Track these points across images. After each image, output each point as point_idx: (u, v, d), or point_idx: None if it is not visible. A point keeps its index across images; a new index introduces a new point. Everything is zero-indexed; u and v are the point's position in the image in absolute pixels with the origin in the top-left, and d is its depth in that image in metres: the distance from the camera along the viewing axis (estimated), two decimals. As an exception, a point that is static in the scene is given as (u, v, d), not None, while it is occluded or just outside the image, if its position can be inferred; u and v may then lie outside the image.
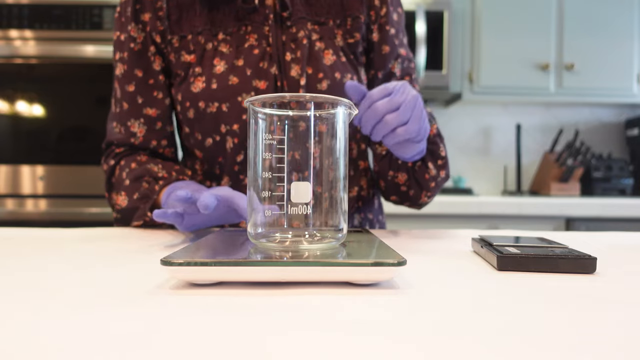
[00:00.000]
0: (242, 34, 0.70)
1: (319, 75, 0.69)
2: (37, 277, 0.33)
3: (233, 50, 0.69)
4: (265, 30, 0.70)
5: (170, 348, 0.20)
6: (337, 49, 0.71)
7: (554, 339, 0.21)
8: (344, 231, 0.37)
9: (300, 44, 0.70)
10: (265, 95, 0.36)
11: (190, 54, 0.71)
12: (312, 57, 0.70)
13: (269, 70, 0.68)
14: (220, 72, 0.68)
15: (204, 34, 0.70)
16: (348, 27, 0.73)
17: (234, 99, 0.68)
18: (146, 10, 0.72)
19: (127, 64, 0.73)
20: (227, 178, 0.71)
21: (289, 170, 0.36)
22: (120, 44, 0.74)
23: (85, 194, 1.63)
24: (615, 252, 0.48)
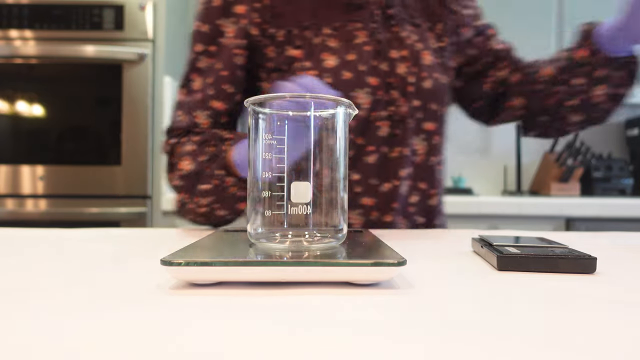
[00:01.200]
0: (350, 30, 0.70)
1: (423, 75, 0.71)
2: (36, 277, 0.33)
3: (342, 44, 0.69)
4: (372, 27, 0.70)
5: (170, 348, 0.20)
6: (432, 50, 0.73)
7: (554, 339, 0.21)
8: (344, 231, 0.37)
9: (404, 43, 0.71)
10: (266, 95, 0.36)
11: (297, 49, 0.69)
12: (415, 56, 0.71)
13: (379, 67, 0.69)
14: (332, 66, 0.68)
15: (311, 28, 0.70)
16: (437, 32, 0.75)
17: (347, 94, 0.68)
18: (241, 2, 0.70)
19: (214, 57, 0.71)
20: None
21: (289, 170, 0.36)
22: (202, 35, 0.71)
23: (85, 194, 1.63)
24: (615, 252, 0.48)
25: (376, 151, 0.70)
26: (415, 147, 0.72)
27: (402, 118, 0.70)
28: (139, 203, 1.64)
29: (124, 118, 1.64)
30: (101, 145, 1.65)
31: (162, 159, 1.68)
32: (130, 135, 1.64)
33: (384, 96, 0.69)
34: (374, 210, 0.71)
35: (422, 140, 0.73)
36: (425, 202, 0.75)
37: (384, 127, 0.70)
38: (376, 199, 0.71)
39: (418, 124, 0.72)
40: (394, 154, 0.70)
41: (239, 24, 0.70)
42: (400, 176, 0.71)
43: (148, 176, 1.65)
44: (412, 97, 0.70)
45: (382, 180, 0.70)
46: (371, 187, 0.70)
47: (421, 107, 0.71)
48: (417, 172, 0.73)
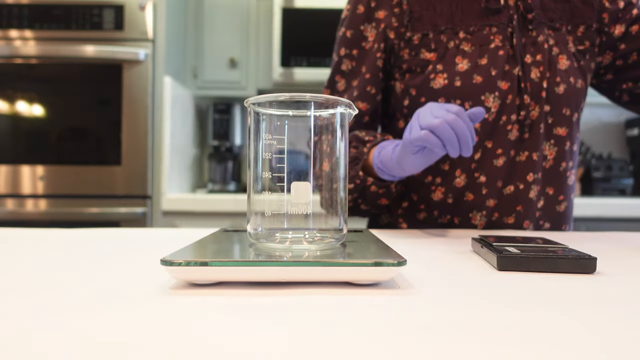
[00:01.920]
0: (485, 34, 0.71)
1: (557, 79, 0.70)
2: (36, 277, 0.33)
3: (476, 49, 0.70)
4: (508, 31, 0.71)
5: (171, 348, 0.20)
6: (570, 54, 0.72)
7: (554, 339, 0.21)
8: (344, 231, 0.37)
9: (541, 48, 0.71)
10: (266, 95, 0.36)
11: (431, 52, 0.72)
12: (550, 61, 0.71)
13: (511, 71, 0.70)
14: (464, 70, 0.69)
15: (447, 32, 0.71)
16: (579, 35, 0.74)
17: (477, 97, 0.69)
18: (382, 7, 0.74)
19: (357, 60, 0.76)
20: (464, 175, 0.72)
21: (289, 170, 0.35)
22: (346, 40, 0.76)
23: (85, 194, 1.63)
24: (615, 252, 0.48)
25: (504, 154, 0.71)
26: (545, 152, 0.72)
27: (532, 122, 0.70)
28: (139, 203, 1.64)
29: (124, 118, 1.64)
30: (101, 145, 1.65)
31: (162, 158, 1.68)
32: (130, 135, 1.64)
33: (515, 100, 0.70)
34: (496, 211, 0.72)
35: (552, 146, 0.72)
36: (552, 207, 0.74)
37: (514, 131, 0.70)
38: (498, 201, 0.71)
39: (549, 129, 0.72)
40: (521, 158, 0.71)
41: (379, 28, 0.74)
42: (527, 180, 0.71)
43: (148, 176, 1.65)
44: (544, 101, 0.70)
45: (507, 182, 0.71)
46: (496, 189, 0.71)
47: (552, 111, 0.71)
48: (546, 177, 0.73)
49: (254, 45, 2.01)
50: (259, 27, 2.02)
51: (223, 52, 2.00)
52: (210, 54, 2.00)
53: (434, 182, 0.74)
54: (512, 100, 0.70)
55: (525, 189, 0.71)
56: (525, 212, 0.71)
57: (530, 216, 0.72)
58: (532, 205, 0.72)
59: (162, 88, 1.68)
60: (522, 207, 0.71)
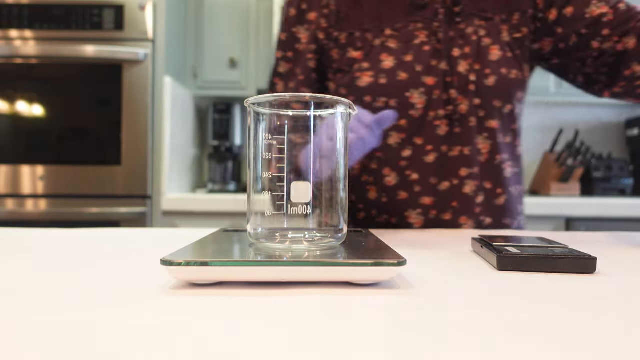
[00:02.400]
0: (410, 30, 0.71)
1: (486, 71, 0.70)
2: (36, 277, 0.33)
3: (401, 45, 0.70)
4: (434, 26, 0.70)
5: (170, 348, 0.20)
6: (504, 44, 0.71)
7: (554, 339, 0.21)
8: (344, 231, 0.37)
9: (469, 40, 0.70)
10: (266, 95, 0.36)
11: (357, 50, 0.72)
12: (479, 53, 0.70)
13: (437, 66, 0.69)
14: (389, 67, 0.69)
15: (372, 30, 0.71)
16: (514, 22, 0.72)
17: (402, 94, 0.69)
18: (313, 9, 0.75)
19: (292, 62, 0.76)
20: (394, 174, 0.71)
21: (289, 170, 0.35)
22: (284, 43, 0.77)
23: (85, 194, 1.63)
24: (615, 252, 0.48)
25: (435, 150, 0.70)
26: (479, 146, 0.72)
27: (461, 117, 0.70)
28: (139, 203, 1.64)
29: (124, 118, 1.64)
30: (101, 145, 1.65)
31: (162, 158, 1.68)
32: (130, 135, 1.64)
33: (442, 95, 0.69)
34: (433, 209, 0.71)
35: (486, 139, 0.72)
36: (491, 202, 0.73)
37: (443, 126, 0.70)
38: (435, 198, 0.71)
39: (481, 122, 0.71)
40: (454, 153, 0.70)
41: (311, 29, 0.75)
42: (460, 175, 0.70)
43: (148, 176, 1.65)
44: (473, 95, 0.70)
45: (441, 179, 0.71)
46: (430, 186, 0.71)
47: (483, 105, 0.70)
48: (483, 171, 0.72)
49: (254, 45, 2.01)
50: (259, 27, 2.02)
51: (223, 52, 2.00)
52: (210, 54, 2.00)
53: (368, 181, 0.74)
54: (438, 96, 0.69)
55: (460, 185, 0.70)
56: (462, 207, 0.71)
57: (468, 212, 0.71)
58: (469, 200, 0.71)
59: (162, 88, 1.68)
60: (458, 203, 0.71)
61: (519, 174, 0.77)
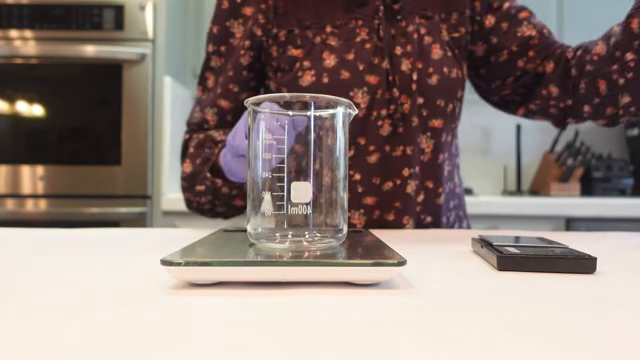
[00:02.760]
0: (351, 27, 0.69)
1: (429, 70, 0.69)
2: (36, 277, 0.33)
3: (342, 43, 0.69)
4: (375, 23, 0.69)
5: (170, 348, 0.20)
6: (444, 43, 0.71)
7: (554, 339, 0.21)
8: (344, 231, 0.37)
9: (411, 38, 0.69)
10: (266, 95, 0.36)
11: (297, 48, 0.70)
12: (421, 51, 0.69)
13: (380, 65, 0.68)
14: (331, 66, 0.68)
15: (312, 27, 0.70)
16: (453, 22, 0.72)
17: (346, 94, 0.68)
18: (249, 3, 0.72)
19: (224, 56, 0.74)
20: None
21: (289, 170, 0.36)
22: (213, 36, 0.75)
23: (85, 194, 1.63)
24: (615, 252, 0.48)
25: (377, 150, 0.69)
26: (422, 145, 0.71)
27: (404, 116, 0.69)
28: (139, 203, 1.64)
29: (124, 118, 1.64)
30: (101, 145, 1.65)
31: (162, 158, 1.68)
32: (130, 135, 1.64)
33: (385, 94, 0.69)
34: (376, 209, 0.71)
35: (429, 138, 0.71)
36: (432, 200, 0.73)
37: (385, 126, 0.69)
38: (378, 198, 0.70)
39: (423, 122, 0.71)
40: (397, 153, 0.70)
41: (247, 25, 0.72)
42: (403, 175, 0.70)
43: (148, 176, 1.65)
44: (416, 94, 0.69)
45: (384, 179, 0.70)
46: (373, 187, 0.70)
47: (426, 104, 0.70)
48: (424, 170, 0.72)
49: (254, 45, 2.01)
50: (259, 27, 2.01)
51: (223, 52, 2.00)
52: (210, 54, 2.00)
53: None
54: (381, 95, 0.68)
55: (402, 184, 0.70)
56: (404, 207, 0.70)
57: (410, 212, 0.71)
58: (411, 200, 0.71)
59: (162, 88, 1.68)
60: (401, 203, 0.70)
61: (452, 171, 0.77)
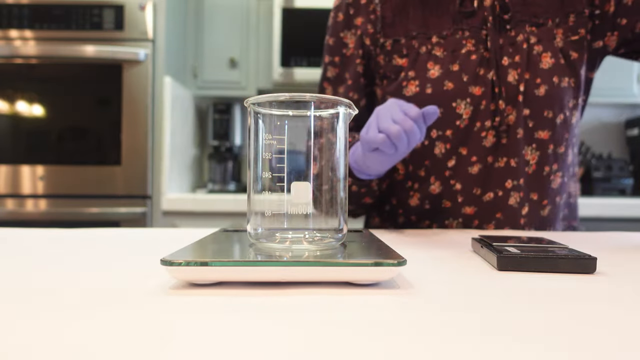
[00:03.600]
0: (458, 38, 0.69)
1: (537, 81, 0.68)
2: (36, 277, 0.33)
3: (448, 54, 0.69)
4: (482, 34, 0.69)
5: (170, 348, 0.20)
6: (556, 50, 0.69)
7: (554, 339, 0.21)
8: (344, 231, 0.37)
9: (520, 48, 0.68)
10: (266, 95, 0.36)
11: (403, 58, 0.71)
12: (530, 61, 0.68)
13: (485, 76, 0.68)
14: (435, 76, 0.68)
15: (418, 37, 0.71)
16: (570, 24, 0.70)
17: (449, 104, 0.68)
18: (360, 14, 0.75)
19: (339, 67, 0.77)
20: (438, 182, 0.71)
21: (289, 170, 0.35)
22: (329, 47, 0.78)
23: (85, 194, 1.63)
24: (615, 252, 0.48)
25: (479, 161, 0.69)
26: (527, 157, 0.70)
27: (508, 128, 0.68)
28: (139, 203, 1.64)
29: (124, 118, 1.64)
30: (101, 145, 1.65)
31: (162, 158, 1.68)
32: (130, 135, 1.64)
33: (489, 105, 0.68)
34: (475, 219, 0.70)
35: (534, 150, 0.70)
36: (537, 212, 0.71)
37: (489, 137, 0.69)
38: (477, 208, 0.70)
39: (529, 133, 0.69)
40: (499, 164, 0.69)
41: (357, 34, 0.75)
42: (505, 187, 0.69)
43: (148, 176, 1.65)
44: (522, 105, 0.68)
45: (485, 189, 0.70)
46: (473, 197, 0.70)
47: (532, 115, 0.68)
48: (529, 182, 0.70)
49: (254, 45, 2.01)
50: (259, 27, 2.02)
51: (223, 52, 2.00)
52: (210, 54, 2.00)
53: (412, 187, 0.73)
54: (486, 106, 0.68)
55: (505, 196, 0.69)
56: (506, 219, 0.70)
57: (512, 223, 0.70)
58: (513, 212, 0.70)
59: (162, 88, 1.68)
60: (502, 215, 0.70)
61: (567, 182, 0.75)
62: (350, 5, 0.76)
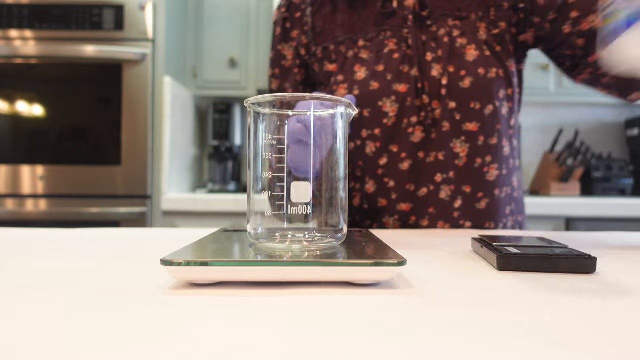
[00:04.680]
0: (381, 39, 0.71)
1: (461, 73, 0.68)
2: (36, 277, 0.33)
3: (373, 55, 0.71)
4: (404, 32, 0.70)
5: (171, 348, 0.20)
6: (481, 42, 0.69)
7: (554, 338, 0.21)
8: (344, 231, 0.37)
9: (441, 42, 0.69)
10: (266, 95, 0.36)
11: (332, 63, 0.74)
12: (453, 54, 0.69)
13: (409, 73, 0.69)
14: (362, 78, 0.70)
15: (345, 42, 0.73)
16: (492, 18, 0.70)
17: (375, 103, 0.70)
18: (295, 27, 0.78)
19: (279, 79, 0.80)
20: (372, 181, 0.72)
21: (289, 170, 0.36)
22: (272, 61, 0.82)
23: (85, 194, 1.63)
24: (615, 252, 0.48)
25: (410, 157, 0.70)
26: (457, 149, 0.70)
27: (435, 122, 0.69)
28: (139, 203, 1.64)
29: (124, 118, 1.64)
30: (101, 145, 1.65)
31: (162, 158, 1.68)
32: (130, 135, 1.64)
33: (415, 102, 0.69)
34: (411, 215, 0.71)
35: (464, 142, 0.70)
36: (472, 205, 0.71)
37: (417, 133, 0.69)
38: (412, 204, 0.71)
39: (457, 126, 0.69)
40: (430, 159, 0.70)
41: (293, 46, 0.78)
42: (435, 181, 0.70)
43: (148, 176, 1.65)
44: (447, 98, 0.68)
45: (418, 185, 0.70)
46: (408, 193, 0.71)
47: (459, 107, 0.69)
48: (460, 175, 0.70)
49: (254, 45, 2.01)
50: (259, 27, 2.02)
51: (223, 52, 2.00)
52: (210, 54, 2.00)
53: (354, 188, 0.75)
54: (411, 102, 0.69)
55: (435, 190, 0.70)
56: (438, 213, 0.70)
57: (444, 217, 0.71)
58: (445, 206, 0.70)
59: (162, 88, 1.68)
60: (434, 209, 0.70)
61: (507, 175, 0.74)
62: (287, 19, 0.79)
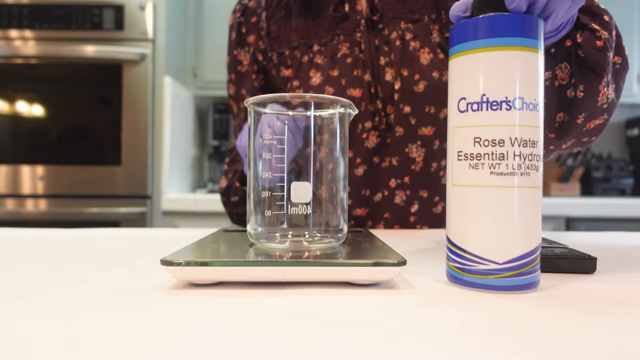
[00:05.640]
0: (335, 44, 0.70)
1: (415, 77, 0.67)
2: (36, 277, 0.33)
3: (328, 60, 0.70)
4: (357, 36, 0.69)
5: (170, 348, 0.20)
6: (434, 45, 0.69)
7: (553, 339, 0.21)
8: (344, 231, 0.37)
9: (394, 46, 0.68)
10: (266, 95, 0.36)
11: (288, 69, 0.73)
12: (406, 58, 0.68)
13: (362, 77, 0.68)
14: (317, 83, 0.69)
15: (300, 47, 0.72)
16: (444, 21, 0.70)
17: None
18: (251, 32, 0.77)
19: (236, 84, 0.80)
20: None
21: (289, 170, 0.36)
22: (229, 66, 0.81)
23: (85, 194, 1.63)
24: (615, 252, 0.48)
25: (364, 162, 0.69)
26: (413, 154, 0.69)
27: (389, 127, 0.68)
28: (139, 203, 1.64)
29: (124, 118, 1.64)
30: (101, 145, 1.65)
31: (162, 158, 1.68)
32: (130, 135, 1.64)
33: (369, 107, 0.68)
34: (367, 219, 0.71)
35: (420, 147, 0.69)
36: (428, 210, 0.71)
37: (372, 138, 0.69)
38: (368, 209, 0.70)
39: (412, 130, 0.68)
40: (385, 164, 0.69)
41: (250, 52, 0.77)
42: (389, 186, 0.69)
43: (148, 176, 1.65)
44: (401, 103, 0.67)
45: (373, 190, 0.70)
46: (363, 198, 0.70)
47: (414, 112, 0.68)
48: (416, 180, 0.70)
49: (254, 45, 2.01)
50: (259, 27, 2.02)
51: (223, 52, 2.00)
52: (210, 54, 2.00)
53: None
54: (365, 107, 0.68)
55: (390, 195, 0.70)
56: (393, 218, 0.70)
57: (400, 222, 0.71)
58: (401, 210, 0.70)
59: (162, 88, 1.68)
60: (389, 214, 0.70)
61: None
62: (242, 24, 0.77)
